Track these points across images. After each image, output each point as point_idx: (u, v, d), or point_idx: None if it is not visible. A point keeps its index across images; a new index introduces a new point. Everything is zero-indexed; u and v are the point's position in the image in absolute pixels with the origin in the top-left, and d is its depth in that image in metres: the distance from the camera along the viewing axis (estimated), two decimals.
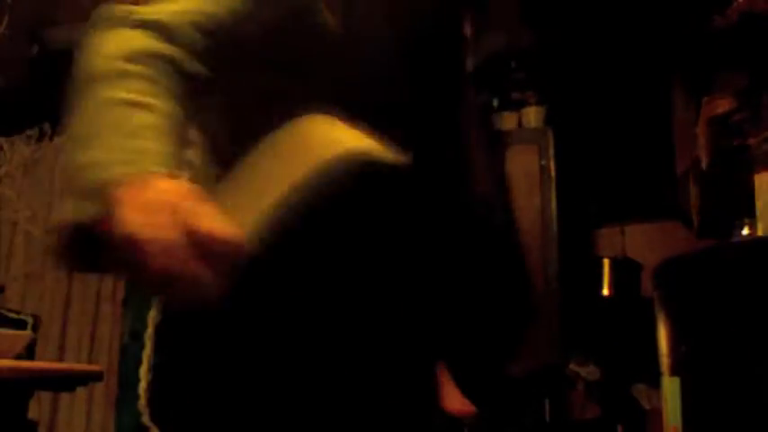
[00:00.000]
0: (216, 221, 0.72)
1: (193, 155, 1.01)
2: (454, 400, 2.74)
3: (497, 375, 2.34)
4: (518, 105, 3.45)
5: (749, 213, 2.19)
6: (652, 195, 3.43)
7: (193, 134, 0.98)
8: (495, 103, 3.45)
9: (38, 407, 3.22)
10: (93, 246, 0.78)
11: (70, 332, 4.17)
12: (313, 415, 0.95)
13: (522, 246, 1.21)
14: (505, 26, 3.24)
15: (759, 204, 2.11)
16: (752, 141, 2.54)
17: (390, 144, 0.86)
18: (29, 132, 2.77)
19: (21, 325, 2.42)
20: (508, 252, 1.20)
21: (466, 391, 2.34)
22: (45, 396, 3.81)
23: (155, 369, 1.12)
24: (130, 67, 0.85)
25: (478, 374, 2.22)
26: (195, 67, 0.88)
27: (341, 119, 0.87)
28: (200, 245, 0.70)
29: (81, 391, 3.58)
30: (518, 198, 3.49)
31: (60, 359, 4.01)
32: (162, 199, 0.72)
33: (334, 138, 0.86)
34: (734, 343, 1.53)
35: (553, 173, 3.27)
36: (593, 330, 3.25)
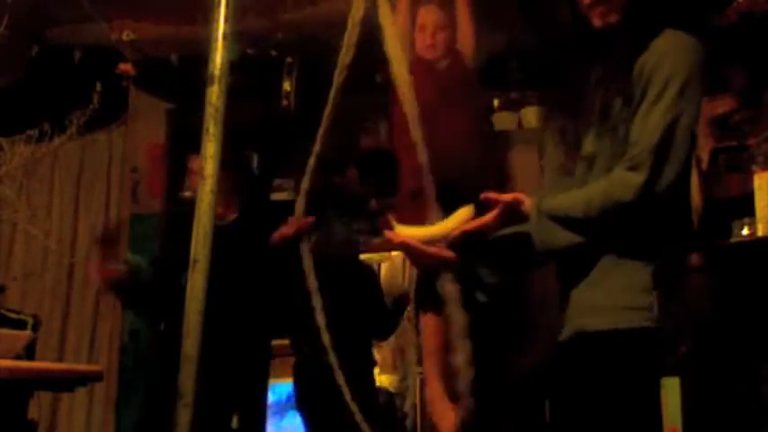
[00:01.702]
0: None
1: None
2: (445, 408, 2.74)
3: (492, 379, 2.38)
4: (518, 105, 3.45)
5: (749, 213, 2.19)
6: None
7: None
8: (496, 103, 3.46)
9: (38, 407, 3.22)
10: None
11: (70, 332, 4.17)
12: None
13: None
14: (505, 26, 3.24)
15: (759, 204, 2.11)
16: (752, 141, 2.54)
17: None
18: (29, 132, 2.77)
19: (21, 325, 2.42)
20: None
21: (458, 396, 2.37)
22: (45, 396, 3.81)
23: None
24: None
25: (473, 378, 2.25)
26: None
27: None
28: None
29: (81, 391, 3.58)
30: None
31: (60, 359, 4.01)
32: None
33: None
34: (734, 343, 1.53)
35: None
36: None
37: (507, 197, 1.63)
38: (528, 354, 2.91)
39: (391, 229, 1.78)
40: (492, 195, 1.66)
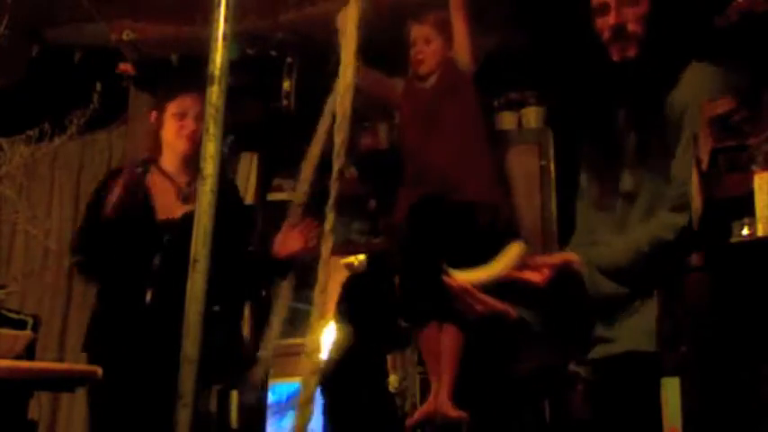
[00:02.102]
0: None
1: None
2: (447, 405, 2.78)
3: (493, 380, 2.44)
4: (518, 105, 3.45)
5: (749, 213, 2.18)
6: None
7: None
8: (496, 103, 3.45)
9: (38, 407, 3.22)
10: None
11: (70, 332, 4.17)
12: None
13: None
14: (504, 27, 3.24)
15: (759, 204, 2.10)
16: (752, 141, 2.53)
17: None
18: (29, 132, 2.77)
19: (21, 325, 2.42)
20: None
21: (460, 395, 2.43)
22: (45, 396, 3.80)
23: None
24: None
25: (474, 379, 2.31)
26: None
27: None
28: None
29: (81, 391, 3.58)
30: (518, 198, 3.51)
31: (60, 359, 4.01)
32: None
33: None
34: (734, 343, 1.53)
35: (553, 173, 3.27)
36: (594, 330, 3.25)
37: (557, 260, 1.70)
38: (526, 359, 2.92)
39: (447, 274, 1.84)
40: (541, 260, 1.72)
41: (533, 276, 1.72)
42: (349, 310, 3.69)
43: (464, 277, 1.86)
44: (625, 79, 1.76)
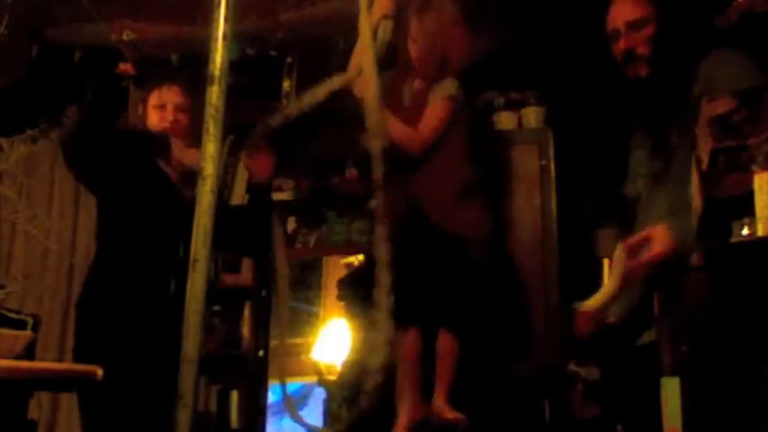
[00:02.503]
0: None
1: None
2: (444, 407, 2.78)
3: (492, 380, 2.44)
4: (518, 105, 3.45)
5: (749, 213, 2.19)
6: None
7: None
8: (496, 103, 3.46)
9: (38, 407, 3.23)
10: None
11: (70, 332, 4.17)
12: None
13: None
14: (505, 27, 3.24)
15: (759, 204, 2.11)
16: (752, 141, 2.53)
17: None
18: (29, 132, 2.77)
19: (21, 325, 2.42)
20: None
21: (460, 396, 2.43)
22: (45, 396, 3.80)
23: None
24: None
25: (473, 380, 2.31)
26: None
27: None
28: None
29: None
30: (518, 198, 3.51)
31: (60, 359, 4.01)
32: None
33: None
34: (734, 343, 1.53)
35: (553, 173, 3.27)
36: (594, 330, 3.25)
37: (647, 233, 1.84)
38: (526, 359, 2.93)
39: (579, 307, 1.94)
40: (649, 232, 1.79)
41: (656, 250, 1.80)
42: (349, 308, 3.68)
43: (591, 304, 1.95)
44: (640, 93, 1.88)
